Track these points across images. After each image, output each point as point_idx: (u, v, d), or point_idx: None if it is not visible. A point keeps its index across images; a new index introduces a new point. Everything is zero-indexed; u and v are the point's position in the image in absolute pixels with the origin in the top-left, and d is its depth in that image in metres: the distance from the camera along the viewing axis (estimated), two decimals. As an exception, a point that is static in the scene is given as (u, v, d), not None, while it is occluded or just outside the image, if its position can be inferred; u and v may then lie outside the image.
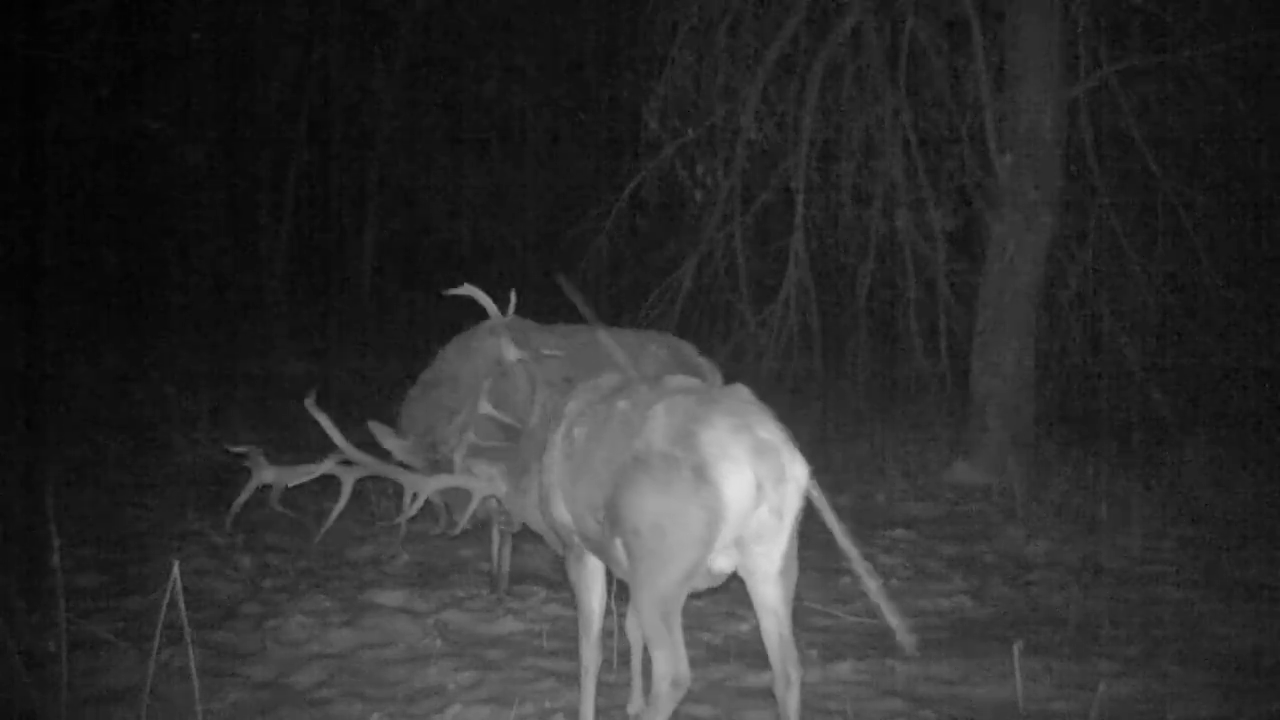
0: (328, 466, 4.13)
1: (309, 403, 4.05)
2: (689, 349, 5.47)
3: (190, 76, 14.49)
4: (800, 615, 4.84)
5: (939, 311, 9.09)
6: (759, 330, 9.35)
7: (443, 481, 4.18)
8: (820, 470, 8.31)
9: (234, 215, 15.41)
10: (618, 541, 3.28)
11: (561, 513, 3.57)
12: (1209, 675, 4.05)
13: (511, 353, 4.12)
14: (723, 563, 3.22)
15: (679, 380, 3.53)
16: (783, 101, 9.42)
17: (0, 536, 5.45)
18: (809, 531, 6.31)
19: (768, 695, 3.83)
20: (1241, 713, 3.78)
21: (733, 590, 5.08)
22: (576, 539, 3.60)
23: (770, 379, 9.33)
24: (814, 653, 4.30)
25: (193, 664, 3.34)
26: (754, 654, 4.29)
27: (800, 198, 9.09)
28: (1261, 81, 8.14)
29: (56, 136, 12.75)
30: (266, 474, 4.15)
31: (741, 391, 3.36)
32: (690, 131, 9.67)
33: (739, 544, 3.19)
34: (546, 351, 4.04)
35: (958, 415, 8.13)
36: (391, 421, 5.24)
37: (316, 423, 4.20)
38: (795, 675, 3.18)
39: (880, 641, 4.49)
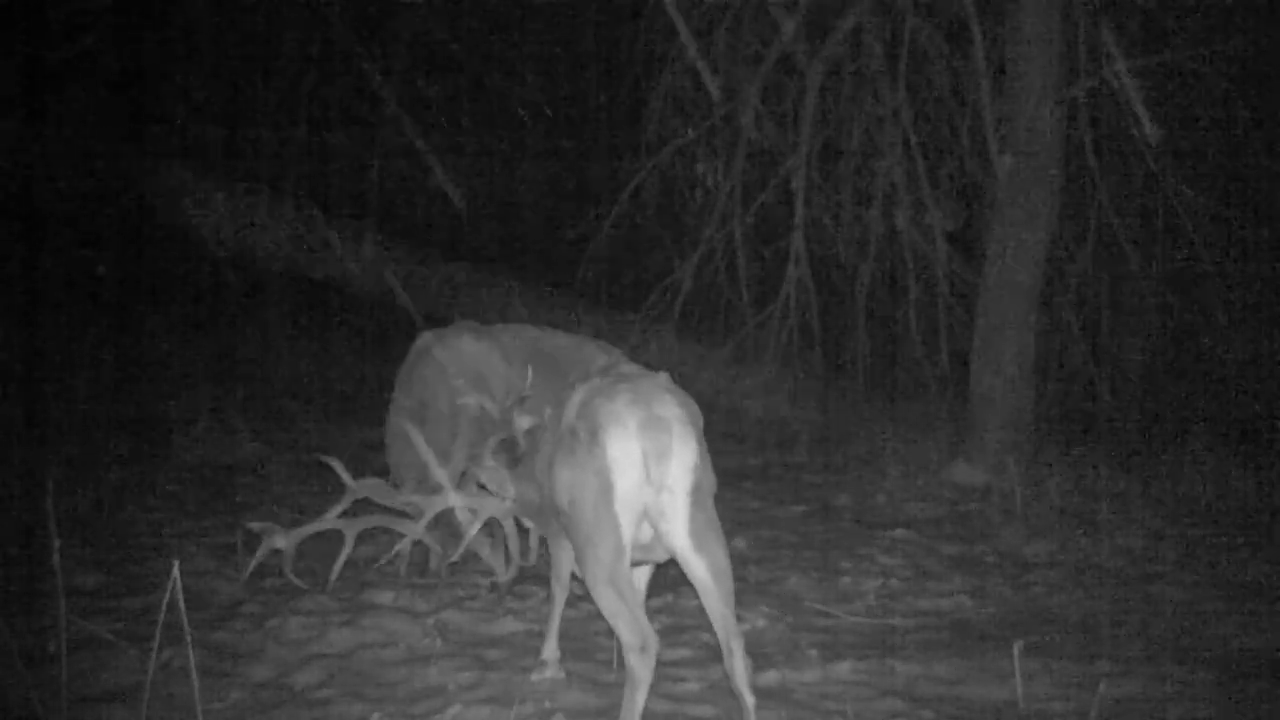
0: (334, 521, 4.42)
1: (322, 457, 4.55)
2: (618, 354, 5.59)
3: (190, 76, 14.49)
4: (800, 615, 4.86)
5: (939, 311, 9.09)
6: (759, 330, 9.35)
7: (452, 500, 4.44)
8: (820, 470, 8.35)
9: (234, 215, 15.40)
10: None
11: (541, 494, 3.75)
12: (1209, 675, 4.05)
13: (525, 422, 4.25)
14: (641, 535, 3.35)
15: (629, 367, 3.72)
16: (783, 101, 9.43)
17: (0, 536, 5.46)
18: (809, 532, 6.36)
19: (768, 695, 3.85)
20: (1241, 713, 3.78)
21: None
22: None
23: (770, 379, 9.35)
24: (814, 653, 4.30)
25: (192, 664, 3.34)
26: (754, 654, 4.28)
27: (800, 198, 9.09)
28: (1261, 81, 8.14)
29: (56, 135, 12.75)
30: (279, 540, 4.38)
31: (660, 377, 3.52)
32: (690, 131, 9.68)
33: (650, 522, 3.31)
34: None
35: (958, 415, 8.13)
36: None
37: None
38: (737, 647, 3.29)
39: (880, 641, 4.49)
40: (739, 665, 3.29)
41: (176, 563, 3.34)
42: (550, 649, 4.04)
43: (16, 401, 8.89)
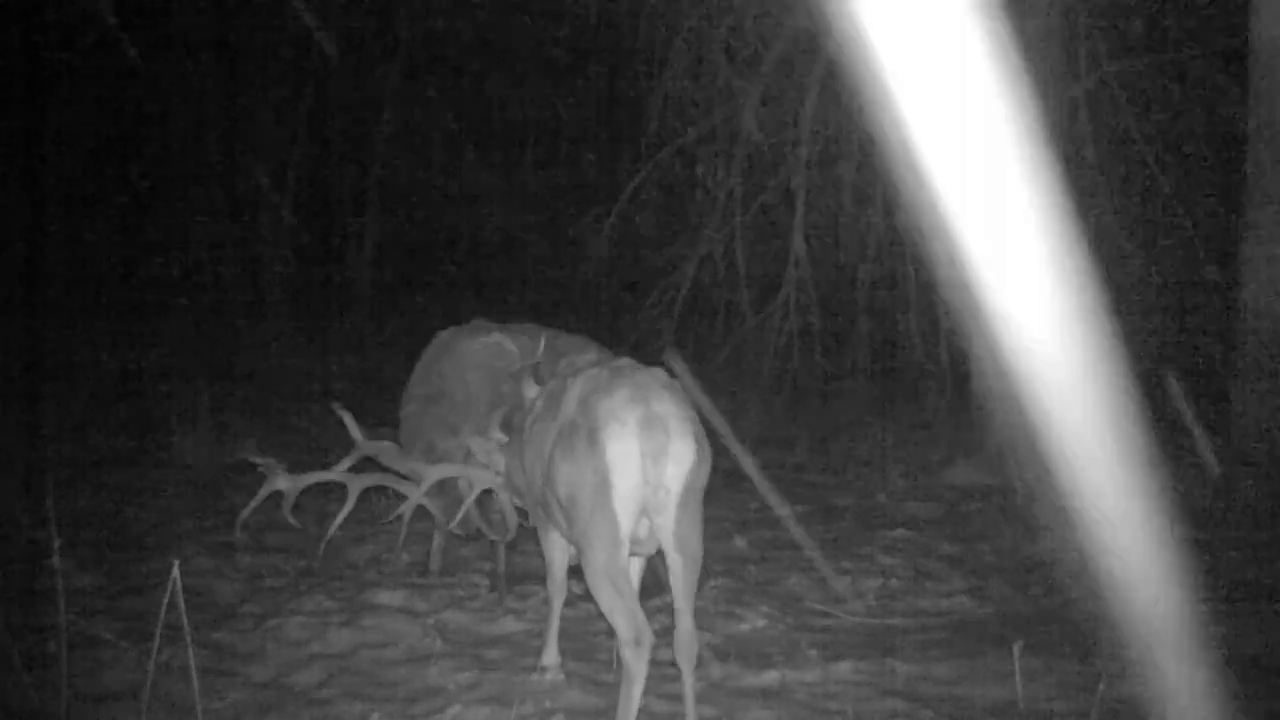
0: (340, 474, 4.43)
1: (335, 406, 4.62)
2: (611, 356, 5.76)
3: (190, 76, 14.50)
4: (800, 615, 4.86)
5: (939, 311, 9.07)
6: (759, 330, 9.34)
7: (446, 470, 4.53)
8: (820, 470, 8.34)
9: (234, 214, 15.42)
10: (562, 514, 3.49)
11: (528, 480, 3.77)
12: (1209, 675, 4.05)
13: (533, 391, 4.31)
14: (639, 530, 3.37)
15: (625, 361, 3.72)
16: (783, 102, 9.41)
17: (0, 536, 5.46)
18: (809, 531, 6.35)
19: (768, 695, 3.85)
20: (1241, 713, 3.78)
21: (732, 590, 5.10)
22: (541, 511, 3.75)
23: (770, 379, 9.33)
24: (814, 653, 4.30)
25: (192, 664, 3.34)
26: (754, 654, 4.30)
27: (800, 198, 9.08)
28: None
29: (56, 136, 12.76)
30: (280, 481, 4.38)
31: (658, 372, 3.53)
32: (690, 131, 9.67)
33: (647, 516, 3.33)
34: None
35: (958, 415, 8.13)
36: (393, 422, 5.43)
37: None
38: (688, 623, 3.36)
39: (880, 641, 4.49)
40: (685, 639, 3.35)
41: (176, 563, 3.34)
42: (550, 655, 4.02)
43: (16, 401, 8.89)
